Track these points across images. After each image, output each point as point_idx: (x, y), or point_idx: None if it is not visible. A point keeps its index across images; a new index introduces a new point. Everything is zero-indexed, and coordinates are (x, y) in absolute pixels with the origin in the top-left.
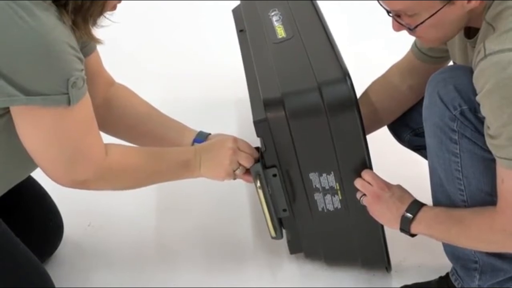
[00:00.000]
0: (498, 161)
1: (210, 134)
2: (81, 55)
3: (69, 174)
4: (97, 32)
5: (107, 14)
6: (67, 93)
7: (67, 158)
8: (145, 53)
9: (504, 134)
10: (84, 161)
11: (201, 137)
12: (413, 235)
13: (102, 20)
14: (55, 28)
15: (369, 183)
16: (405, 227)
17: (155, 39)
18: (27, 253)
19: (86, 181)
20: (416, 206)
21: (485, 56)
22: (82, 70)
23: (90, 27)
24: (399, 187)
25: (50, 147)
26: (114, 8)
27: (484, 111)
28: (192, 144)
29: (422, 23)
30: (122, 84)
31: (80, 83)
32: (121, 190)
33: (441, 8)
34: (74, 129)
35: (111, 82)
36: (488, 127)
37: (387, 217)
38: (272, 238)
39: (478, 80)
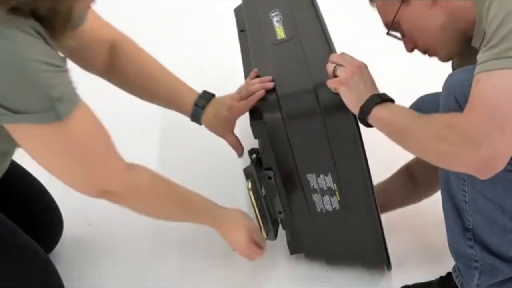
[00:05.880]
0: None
1: (214, 96)
2: (63, 66)
3: (90, 184)
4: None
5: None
6: (55, 109)
7: (81, 169)
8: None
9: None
10: (100, 170)
11: (201, 102)
12: (369, 125)
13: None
14: (26, 48)
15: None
16: (369, 106)
17: (158, 38)
18: (28, 240)
19: (110, 192)
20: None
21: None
22: (67, 83)
23: (66, 32)
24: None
25: (60, 162)
26: (87, 7)
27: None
28: (193, 107)
29: (392, 22)
30: (126, 39)
31: (68, 95)
32: (143, 214)
33: (399, 8)
34: (77, 141)
35: (111, 43)
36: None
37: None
38: (265, 239)
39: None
